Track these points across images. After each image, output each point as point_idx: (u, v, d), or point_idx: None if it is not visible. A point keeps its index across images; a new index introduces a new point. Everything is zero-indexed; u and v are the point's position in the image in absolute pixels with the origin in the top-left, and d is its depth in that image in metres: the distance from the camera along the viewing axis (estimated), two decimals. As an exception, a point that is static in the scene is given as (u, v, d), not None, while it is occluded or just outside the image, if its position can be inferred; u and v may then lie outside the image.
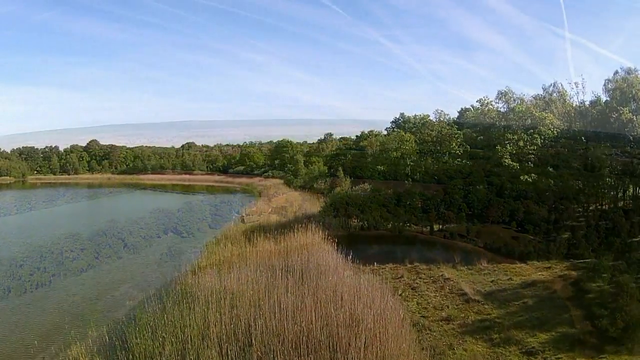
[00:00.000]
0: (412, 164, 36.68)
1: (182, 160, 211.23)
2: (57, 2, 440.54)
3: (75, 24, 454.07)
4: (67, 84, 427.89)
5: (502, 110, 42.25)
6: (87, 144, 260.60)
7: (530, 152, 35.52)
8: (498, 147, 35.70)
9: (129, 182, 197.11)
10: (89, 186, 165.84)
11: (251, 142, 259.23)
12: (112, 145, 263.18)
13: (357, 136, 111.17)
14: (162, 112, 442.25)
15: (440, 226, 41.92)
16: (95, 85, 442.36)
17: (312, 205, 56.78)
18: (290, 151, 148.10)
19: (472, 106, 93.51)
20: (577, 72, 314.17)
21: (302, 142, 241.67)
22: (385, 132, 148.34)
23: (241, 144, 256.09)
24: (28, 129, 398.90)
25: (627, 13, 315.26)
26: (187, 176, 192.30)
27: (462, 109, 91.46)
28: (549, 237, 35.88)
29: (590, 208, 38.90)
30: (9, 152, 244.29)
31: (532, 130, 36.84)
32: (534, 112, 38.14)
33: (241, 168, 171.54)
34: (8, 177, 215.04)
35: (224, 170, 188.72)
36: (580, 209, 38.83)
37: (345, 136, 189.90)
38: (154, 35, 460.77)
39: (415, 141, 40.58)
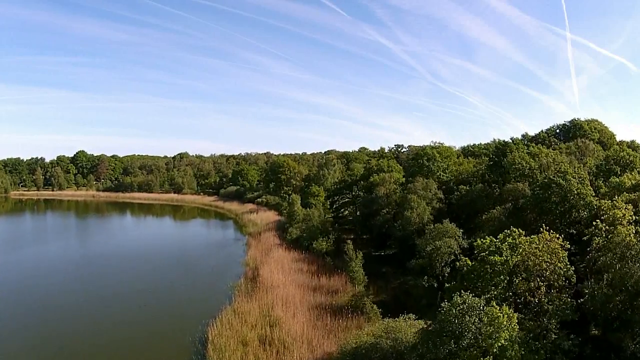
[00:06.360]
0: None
1: (171, 176, 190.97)
2: (57, 2, 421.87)
3: (75, 24, 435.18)
4: (66, 84, 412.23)
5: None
6: (75, 154, 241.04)
7: None
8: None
9: (114, 200, 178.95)
10: (75, 211, 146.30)
11: (247, 152, 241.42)
12: (101, 155, 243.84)
13: (365, 167, 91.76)
14: (160, 114, 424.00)
15: None
16: (95, 85, 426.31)
17: (318, 331, 36.38)
18: (287, 172, 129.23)
19: (512, 139, 72.96)
20: (578, 72, 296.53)
21: (301, 153, 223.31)
22: (397, 147, 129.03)
23: (236, 154, 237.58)
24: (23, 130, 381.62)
25: (627, 13, 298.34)
26: (176, 196, 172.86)
27: (499, 143, 67.20)
28: None
29: None
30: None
31: None
32: None
33: (234, 189, 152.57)
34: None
35: (215, 189, 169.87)
36: None
37: (347, 151, 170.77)
38: (154, 35, 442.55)
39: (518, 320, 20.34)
